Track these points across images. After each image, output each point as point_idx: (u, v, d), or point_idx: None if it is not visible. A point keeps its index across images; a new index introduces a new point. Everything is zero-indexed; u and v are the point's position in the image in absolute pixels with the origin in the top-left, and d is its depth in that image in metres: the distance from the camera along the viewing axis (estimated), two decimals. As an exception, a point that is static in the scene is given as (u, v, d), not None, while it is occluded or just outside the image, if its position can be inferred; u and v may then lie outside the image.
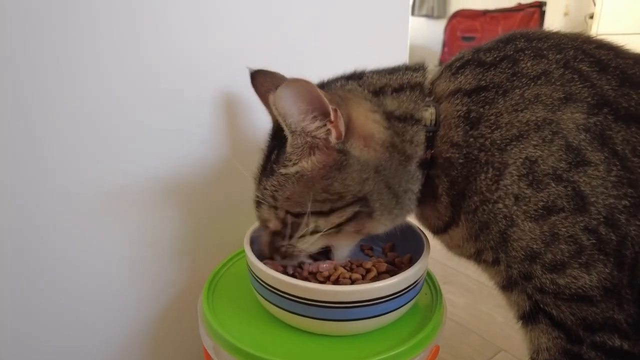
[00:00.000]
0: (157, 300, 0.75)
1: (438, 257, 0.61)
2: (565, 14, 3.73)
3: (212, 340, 0.55)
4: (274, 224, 0.56)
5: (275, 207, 0.55)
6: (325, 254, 0.60)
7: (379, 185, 0.52)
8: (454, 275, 1.20)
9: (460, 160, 0.50)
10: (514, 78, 0.49)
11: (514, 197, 0.47)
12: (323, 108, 0.48)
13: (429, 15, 4.92)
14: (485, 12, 4.44)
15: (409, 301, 0.57)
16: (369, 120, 0.51)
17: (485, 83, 0.51)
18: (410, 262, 0.64)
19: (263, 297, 0.57)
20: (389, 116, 0.52)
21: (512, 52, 0.51)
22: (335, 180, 0.51)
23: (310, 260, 0.61)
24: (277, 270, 0.56)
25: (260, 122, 0.66)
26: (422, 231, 0.64)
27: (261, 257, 0.59)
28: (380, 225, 0.56)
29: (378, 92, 0.54)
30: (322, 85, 0.57)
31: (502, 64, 0.51)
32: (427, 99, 0.54)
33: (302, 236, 0.55)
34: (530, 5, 4.21)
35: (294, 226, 0.54)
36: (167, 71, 0.65)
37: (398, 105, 0.53)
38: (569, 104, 0.46)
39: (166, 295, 0.75)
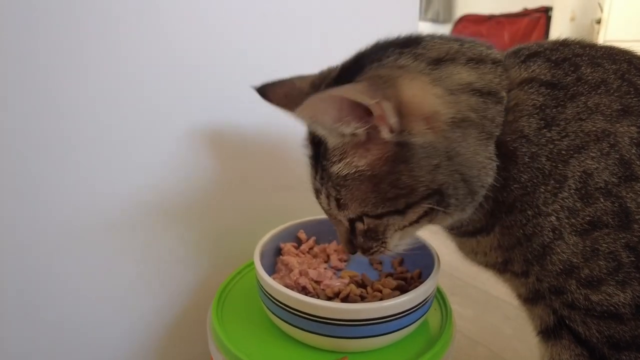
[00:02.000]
0: (165, 314, 0.75)
1: (445, 268, 0.61)
2: (572, 19, 3.72)
3: (222, 355, 0.55)
4: (345, 219, 0.52)
5: (338, 199, 0.50)
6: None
7: (454, 176, 0.46)
8: (461, 286, 1.19)
9: (527, 158, 0.46)
10: (579, 83, 0.47)
11: (567, 210, 0.45)
12: (361, 107, 0.41)
13: (435, 20, 4.91)
14: (490, 17, 4.43)
15: (418, 319, 0.57)
16: (428, 95, 0.45)
17: (556, 81, 0.48)
18: (420, 277, 0.64)
19: (272, 312, 0.57)
20: (453, 87, 0.46)
21: (571, 56, 0.49)
22: (402, 173, 0.45)
23: (326, 277, 0.61)
24: (287, 286, 0.56)
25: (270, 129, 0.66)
26: (432, 247, 0.64)
27: (270, 271, 0.59)
28: (452, 220, 0.52)
29: (439, 61, 0.47)
30: (362, 58, 0.49)
31: (565, 65, 0.48)
32: (503, 70, 0.49)
33: (388, 237, 0.51)
34: (536, 10, 4.20)
35: (374, 229, 0.50)
36: (169, 83, 0.66)
37: (478, 77, 0.47)
38: (625, 117, 0.45)
39: (175, 310, 0.76)
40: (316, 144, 0.51)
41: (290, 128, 0.61)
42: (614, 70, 0.47)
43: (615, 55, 0.49)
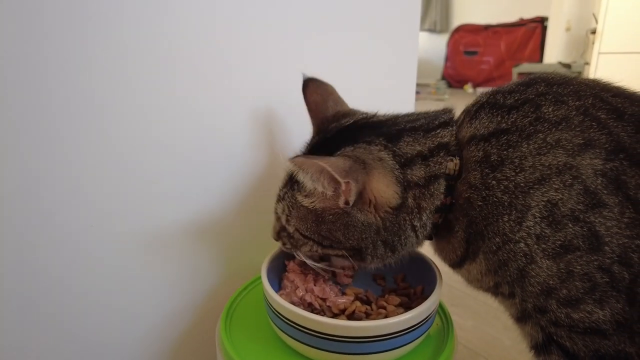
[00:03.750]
0: (174, 326, 0.76)
1: (445, 279, 0.63)
2: (567, 29, 3.76)
3: (231, 371, 0.57)
4: (281, 223, 0.62)
5: (288, 219, 0.60)
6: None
7: (376, 242, 0.56)
8: (461, 297, 1.21)
9: (479, 202, 0.52)
10: (537, 122, 0.51)
11: (535, 237, 0.49)
12: (335, 180, 0.51)
13: (432, 30, 4.96)
14: (487, 27, 4.48)
15: (421, 334, 0.58)
16: (389, 190, 0.54)
17: (506, 126, 0.52)
18: (423, 293, 0.66)
19: (280, 328, 0.59)
20: (409, 185, 0.55)
21: (533, 96, 0.53)
22: (339, 230, 0.56)
23: (332, 291, 0.63)
24: (294, 302, 0.58)
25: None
26: (433, 263, 0.66)
27: (277, 287, 0.61)
28: (370, 266, 0.61)
29: (408, 164, 0.55)
30: (361, 130, 0.60)
31: (524, 107, 0.52)
32: (452, 150, 0.56)
33: (302, 251, 0.62)
34: (532, 21, 4.25)
35: (299, 241, 0.61)
36: (182, 102, 0.68)
37: (424, 172, 0.55)
38: (588, 150, 0.48)
39: (184, 322, 0.77)
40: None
41: (297, 146, 0.64)
42: (577, 107, 0.51)
43: (582, 92, 0.52)
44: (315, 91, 0.69)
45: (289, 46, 0.78)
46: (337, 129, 0.62)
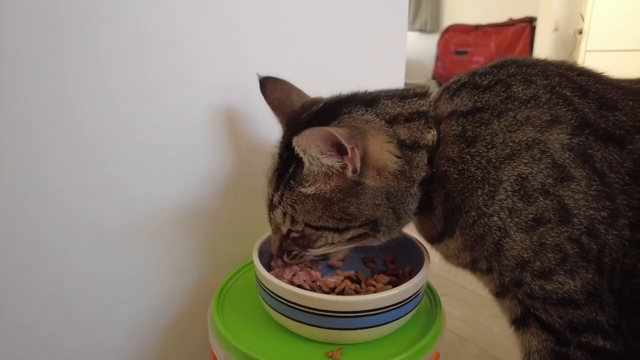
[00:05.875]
0: (166, 312, 0.77)
1: (435, 269, 0.65)
2: (555, 30, 3.81)
3: (224, 350, 0.58)
4: (284, 229, 0.60)
5: (293, 218, 0.58)
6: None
7: (387, 210, 0.56)
8: (450, 287, 1.22)
9: (455, 175, 0.54)
10: (508, 101, 0.53)
11: (508, 211, 0.51)
12: (341, 147, 0.51)
13: (422, 30, 4.99)
14: (477, 27, 4.52)
15: (410, 310, 0.60)
16: (384, 151, 0.55)
17: (481, 105, 0.55)
18: (411, 274, 0.67)
19: (271, 306, 0.60)
20: (401, 145, 0.56)
21: (504, 77, 0.56)
22: (351, 204, 0.55)
23: (318, 273, 0.64)
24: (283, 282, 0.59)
25: (265, 132, 0.68)
26: (422, 244, 0.67)
27: (268, 268, 0.62)
28: (381, 241, 0.61)
29: (392, 121, 0.57)
30: (337, 105, 0.59)
31: (497, 87, 0.55)
32: (430, 122, 0.57)
33: (316, 246, 0.59)
34: (522, 21, 4.29)
35: (312, 237, 0.58)
36: (175, 88, 0.69)
37: (409, 134, 0.56)
38: (555, 126, 0.51)
39: (175, 307, 0.78)
40: (285, 161, 0.59)
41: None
42: (544, 85, 0.54)
43: (549, 71, 0.55)
44: (275, 88, 0.67)
45: (280, 39, 0.79)
46: (311, 115, 0.60)
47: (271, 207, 0.60)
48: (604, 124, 0.50)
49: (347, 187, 0.54)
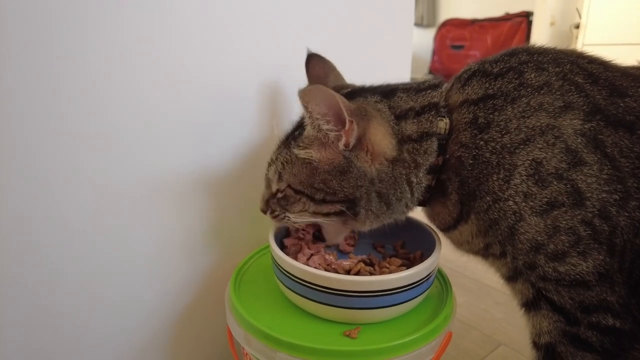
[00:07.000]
0: (183, 293, 0.78)
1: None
2: (552, 24, 3.83)
3: (242, 329, 0.59)
4: (274, 187, 0.64)
5: (280, 175, 0.62)
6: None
7: (370, 194, 0.58)
8: (453, 276, 1.24)
9: (470, 161, 0.56)
10: (521, 87, 0.55)
11: (522, 195, 0.52)
12: (341, 116, 0.54)
13: (419, 24, 4.99)
14: (473, 21, 4.52)
15: (424, 291, 0.62)
16: (385, 140, 0.57)
17: (493, 92, 0.56)
18: (422, 258, 0.69)
19: (288, 287, 0.62)
20: (404, 139, 0.58)
21: (517, 64, 0.57)
22: (334, 178, 0.58)
23: (332, 257, 0.65)
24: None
25: (290, 112, 0.71)
26: (432, 229, 0.69)
27: (285, 250, 0.63)
28: (365, 225, 0.62)
29: (402, 116, 0.59)
30: (358, 91, 0.63)
31: (509, 74, 0.56)
32: (441, 111, 0.59)
33: (293, 210, 0.62)
34: (518, 15, 4.30)
35: (290, 199, 0.62)
36: (198, 68, 0.70)
37: (417, 127, 0.58)
38: (568, 112, 0.52)
39: (192, 289, 0.79)
40: (297, 126, 0.64)
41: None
42: (556, 73, 0.55)
43: (560, 59, 0.57)
44: (317, 65, 0.73)
45: (289, 36, 0.80)
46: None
47: (270, 162, 0.64)
48: (614, 110, 0.52)
49: (336, 161, 0.57)
